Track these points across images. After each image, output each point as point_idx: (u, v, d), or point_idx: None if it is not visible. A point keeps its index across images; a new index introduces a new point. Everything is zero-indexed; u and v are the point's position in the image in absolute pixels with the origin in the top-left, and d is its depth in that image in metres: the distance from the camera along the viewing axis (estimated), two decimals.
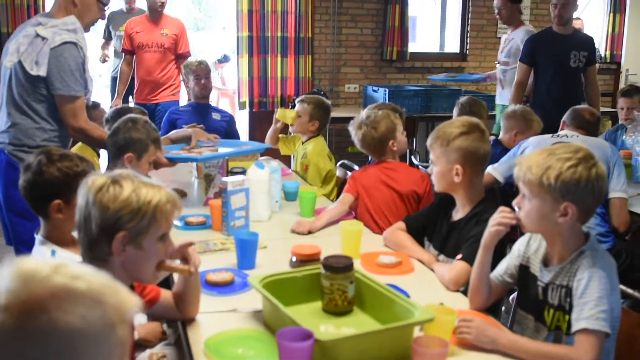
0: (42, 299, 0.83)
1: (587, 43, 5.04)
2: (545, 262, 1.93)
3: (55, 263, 0.89)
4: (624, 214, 3.18)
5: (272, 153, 4.35)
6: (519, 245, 2.05)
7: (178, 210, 1.67)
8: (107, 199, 1.56)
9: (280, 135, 4.23)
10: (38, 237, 2.17)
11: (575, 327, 1.73)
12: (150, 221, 1.59)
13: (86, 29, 3.01)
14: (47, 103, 2.91)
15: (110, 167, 2.85)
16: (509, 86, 5.19)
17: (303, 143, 4.04)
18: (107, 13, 3.17)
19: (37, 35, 2.86)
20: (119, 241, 1.57)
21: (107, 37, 6.58)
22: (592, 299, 1.73)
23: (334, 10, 6.82)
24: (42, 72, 2.83)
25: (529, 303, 1.97)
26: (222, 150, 3.54)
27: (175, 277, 2.06)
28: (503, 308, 2.49)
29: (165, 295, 1.96)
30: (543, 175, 1.77)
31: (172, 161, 3.14)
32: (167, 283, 2.15)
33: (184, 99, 5.77)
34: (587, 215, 1.83)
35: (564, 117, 3.78)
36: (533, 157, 1.84)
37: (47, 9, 6.05)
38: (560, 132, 3.57)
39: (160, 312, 1.99)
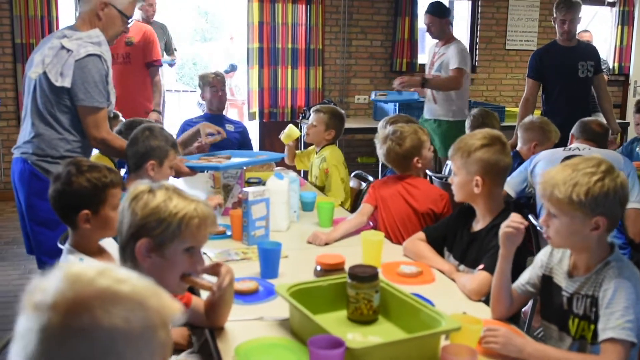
0: (87, 299, 0.87)
1: (592, 52, 5.08)
2: (570, 273, 1.95)
3: (100, 267, 0.93)
4: (639, 225, 3.20)
5: (283, 164, 4.38)
6: (541, 256, 2.07)
7: (207, 225, 1.69)
8: (138, 205, 1.63)
9: (296, 152, 4.27)
10: (66, 246, 2.20)
11: (602, 336, 1.75)
12: (175, 232, 1.63)
13: (110, 42, 3.04)
14: (70, 114, 2.95)
15: (132, 177, 2.88)
16: (443, 101, 5.19)
17: (317, 152, 4.06)
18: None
19: (62, 47, 2.90)
20: (142, 247, 1.62)
21: None
22: (618, 309, 1.75)
23: (344, 22, 6.88)
24: (67, 83, 2.87)
25: (552, 313, 1.99)
26: (238, 160, 3.58)
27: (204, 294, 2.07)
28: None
29: (197, 302, 1.99)
30: (572, 193, 1.78)
31: (193, 170, 3.20)
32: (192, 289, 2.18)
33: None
34: (614, 225, 1.86)
35: (573, 130, 3.76)
36: (557, 175, 1.84)
37: (61, 20, 6.22)
38: (572, 146, 3.57)
39: (189, 318, 2.01)
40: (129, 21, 3.14)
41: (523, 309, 2.53)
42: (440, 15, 5.18)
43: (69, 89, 2.89)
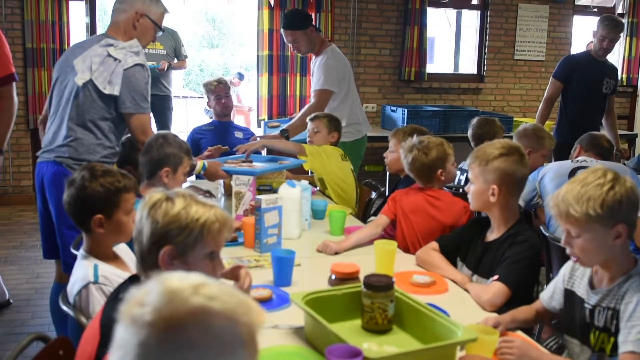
0: (182, 318, 0.92)
1: (615, 72, 5.23)
2: (592, 285, 1.94)
3: (195, 282, 0.96)
4: None
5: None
6: (564, 270, 2.07)
7: (228, 230, 1.70)
8: (158, 214, 1.62)
9: None
10: (80, 252, 2.22)
11: (622, 349, 1.75)
12: (197, 238, 1.63)
13: None
14: (110, 121, 3.07)
15: (147, 184, 2.90)
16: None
17: None
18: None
19: (109, 55, 3.02)
20: (165, 254, 1.62)
21: None
22: (630, 323, 1.75)
23: (353, 31, 6.90)
24: (116, 91, 3.00)
25: (575, 327, 1.98)
26: (264, 165, 3.75)
27: None
28: None
29: None
30: (588, 208, 1.78)
31: (229, 174, 3.38)
32: None
33: None
34: (634, 229, 1.85)
35: (580, 142, 3.73)
36: (567, 195, 1.83)
37: (72, 25, 6.24)
38: (579, 158, 3.55)
39: None
40: (159, 33, 3.29)
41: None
42: (302, 27, 4.49)
43: (116, 96, 3.01)
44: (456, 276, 2.45)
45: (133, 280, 1.70)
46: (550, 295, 2.09)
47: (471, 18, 7.78)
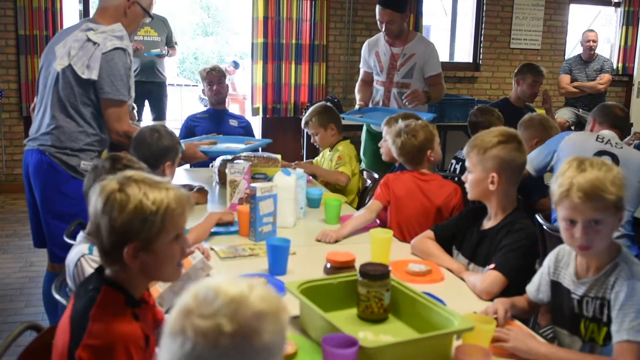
0: (253, 323, 0.98)
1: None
2: (577, 275, 1.93)
3: (247, 285, 1.03)
4: None
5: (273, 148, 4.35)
6: (548, 262, 2.05)
7: (189, 209, 1.62)
8: (115, 210, 1.51)
9: (313, 161, 4.29)
10: (81, 234, 2.20)
11: (616, 338, 1.74)
12: (160, 228, 1.54)
13: (129, 37, 3.10)
14: (92, 107, 2.98)
15: None
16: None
17: (330, 150, 4.06)
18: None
19: (88, 39, 2.92)
20: (130, 252, 1.53)
21: None
22: (632, 311, 1.74)
23: (349, 19, 6.86)
24: (94, 75, 2.90)
25: (564, 318, 1.97)
26: (225, 145, 3.93)
27: None
28: None
29: None
30: (621, 191, 1.78)
31: (207, 154, 3.38)
32: None
33: None
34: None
35: (594, 114, 3.57)
36: (599, 180, 1.77)
37: (65, 12, 6.19)
38: (604, 136, 3.30)
39: None
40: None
41: None
42: (402, 9, 4.34)
43: (94, 81, 2.92)
44: (452, 265, 2.44)
45: (100, 272, 1.62)
46: (536, 287, 2.08)
47: (467, 6, 7.75)
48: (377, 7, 4.31)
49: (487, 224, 2.44)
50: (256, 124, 6.77)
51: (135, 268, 1.56)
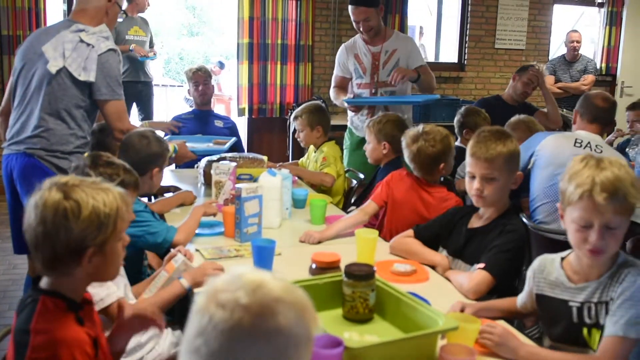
0: (272, 305, 1.00)
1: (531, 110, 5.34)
2: (572, 281, 1.88)
3: (272, 276, 1.05)
4: None
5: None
6: (529, 280, 2.00)
7: (129, 205, 1.62)
8: (69, 219, 1.48)
9: (298, 162, 4.29)
10: None
11: (609, 331, 1.72)
12: (112, 229, 1.54)
13: None
14: (83, 109, 3.00)
15: None
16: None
17: (315, 151, 4.05)
18: None
19: (82, 41, 2.93)
20: (87, 258, 1.52)
21: (119, 41, 6.47)
22: (635, 308, 1.71)
23: (334, 19, 6.86)
24: (91, 77, 2.92)
25: (561, 330, 1.90)
26: (197, 145, 4.07)
27: None
28: None
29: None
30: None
31: (195, 154, 3.45)
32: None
33: None
34: None
35: (577, 107, 3.42)
36: (621, 181, 1.72)
37: (49, 12, 6.15)
38: (581, 137, 3.24)
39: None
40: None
41: None
42: (375, 4, 4.16)
43: (91, 83, 2.93)
44: (435, 258, 2.45)
45: (36, 282, 1.59)
46: (524, 302, 2.04)
47: (452, 7, 7.77)
48: (350, 8, 4.18)
49: (477, 222, 2.44)
50: (242, 124, 6.76)
51: (85, 272, 1.55)
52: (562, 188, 1.83)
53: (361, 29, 4.18)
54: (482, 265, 2.23)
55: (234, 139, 4.36)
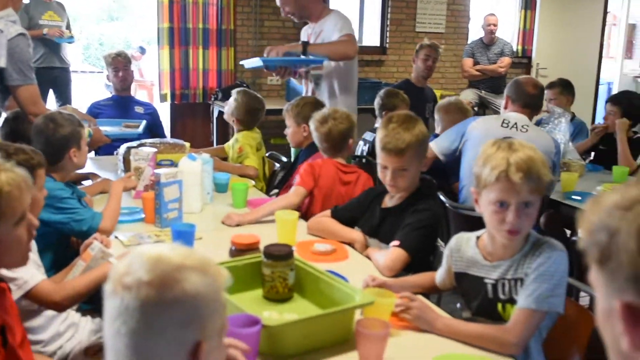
0: (172, 273, 1.05)
1: (434, 95, 5.74)
2: (486, 259, 1.94)
3: (168, 247, 1.11)
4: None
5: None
6: (447, 258, 2.06)
7: (26, 189, 1.54)
8: None
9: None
10: None
11: (521, 304, 1.79)
12: (2, 213, 1.47)
13: None
14: None
15: (51, 169, 2.68)
16: (329, 96, 4.09)
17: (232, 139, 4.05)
18: None
19: None
20: None
21: (32, 26, 6.23)
22: (548, 283, 1.78)
23: (256, 3, 6.81)
24: (2, 63, 2.84)
25: (479, 306, 1.96)
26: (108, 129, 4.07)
27: None
28: None
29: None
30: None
31: (109, 138, 3.43)
32: None
33: None
34: None
35: (507, 91, 3.52)
36: (523, 164, 1.78)
37: None
38: (509, 117, 3.33)
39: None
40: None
41: None
42: None
43: (2, 69, 2.85)
44: (351, 234, 2.50)
45: None
46: (442, 279, 2.11)
47: None
48: None
49: (390, 202, 2.50)
50: (164, 110, 6.65)
51: None
52: (476, 172, 1.89)
53: (283, 14, 4.18)
54: (397, 243, 2.29)
55: (144, 122, 4.33)
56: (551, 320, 1.87)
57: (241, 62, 4.27)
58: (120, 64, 4.69)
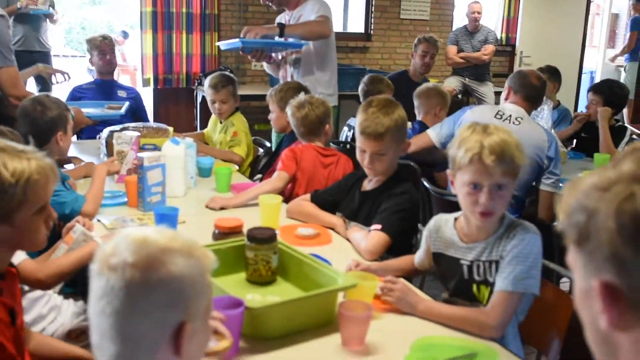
0: (158, 255, 1.06)
1: None
2: (462, 241, 1.96)
3: (154, 229, 1.12)
4: (549, 207, 3.12)
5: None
6: (426, 239, 2.08)
7: (52, 179, 1.56)
8: None
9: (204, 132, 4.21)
10: None
11: (499, 286, 1.81)
12: (22, 199, 1.49)
13: None
14: None
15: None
16: (308, 74, 4.08)
17: (221, 122, 4.02)
18: None
19: None
20: None
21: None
22: (522, 264, 1.80)
23: None
24: None
25: (455, 286, 1.98)
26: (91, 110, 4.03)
27: None
28: None
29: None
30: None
31: (92, 119, 3.42)
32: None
33: None
34: None
35: (510, 82, 3.45)
36: (497, 147, 1.80)
37: None
38: (505, 109, 3.31)
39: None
40: None
41: None
42: None
43: None
44: (331, 219, 2.52)
45: None
46: (421, 259, 2.13)
47: None
48: None
49: (368, 185, 2.51)
50: (147, 95, 6.60)
51: None
52: (452, 154, 1.90)
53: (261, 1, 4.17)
54: (378, 226, 2.30)
55: (127, 103, 4.31)
56: (527, 302, 1.89)
57: (218, 43, 4.28)
58: (107, 47, 4.66)
